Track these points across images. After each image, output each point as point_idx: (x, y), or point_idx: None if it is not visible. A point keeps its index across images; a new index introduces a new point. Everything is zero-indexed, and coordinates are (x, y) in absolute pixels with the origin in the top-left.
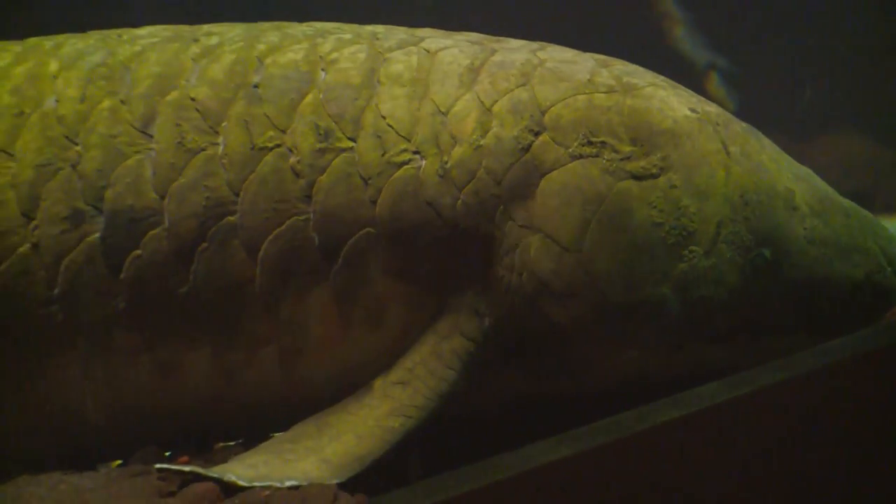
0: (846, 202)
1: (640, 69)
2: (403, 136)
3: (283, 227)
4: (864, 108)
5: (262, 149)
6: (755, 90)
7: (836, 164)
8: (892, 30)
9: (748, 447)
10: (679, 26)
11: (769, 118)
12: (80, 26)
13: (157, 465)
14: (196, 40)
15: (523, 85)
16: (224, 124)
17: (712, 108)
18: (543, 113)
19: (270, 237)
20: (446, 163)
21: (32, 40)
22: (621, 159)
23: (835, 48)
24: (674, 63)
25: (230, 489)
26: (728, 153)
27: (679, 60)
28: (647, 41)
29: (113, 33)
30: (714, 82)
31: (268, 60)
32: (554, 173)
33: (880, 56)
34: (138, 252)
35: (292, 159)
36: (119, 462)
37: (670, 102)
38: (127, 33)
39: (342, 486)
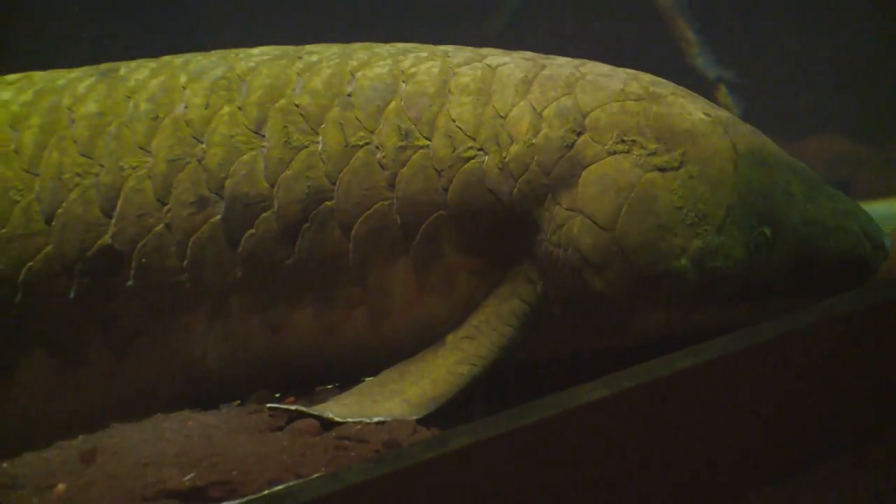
0: (832, 190)
1: (664, 81)
2: (470, 136)
3: (372, 210)
4: (844, 112)
5: (354, 146)
6: (757, 98)
7: (822, 159)
8: (878, 37)
9: (753, 391)
10: (694, 47)
11: (768, 121)
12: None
13: (269, 405)
14: (300, 57)
15: (568, 94)
16: (323, 126)
17: (723, 113)
18: (584, 117)
19: (361, 218)
20: (505, 158)
21: (165, 58)
22: (648, 155)
23: (824, 59)
24: (690, 76)
25: (328, 424)
26: (736, 150)
27: (694, 74)
28: (668, 59)
29: (231, 52)
30: (723, 92)
31: (359, 74)
32: (593, 166)
33: (863, 65)
34: (252, 231)
35: (379, 155)
36: (237, 402)
37: (688, 108)
38: (243, 52)
39: (420, 421)
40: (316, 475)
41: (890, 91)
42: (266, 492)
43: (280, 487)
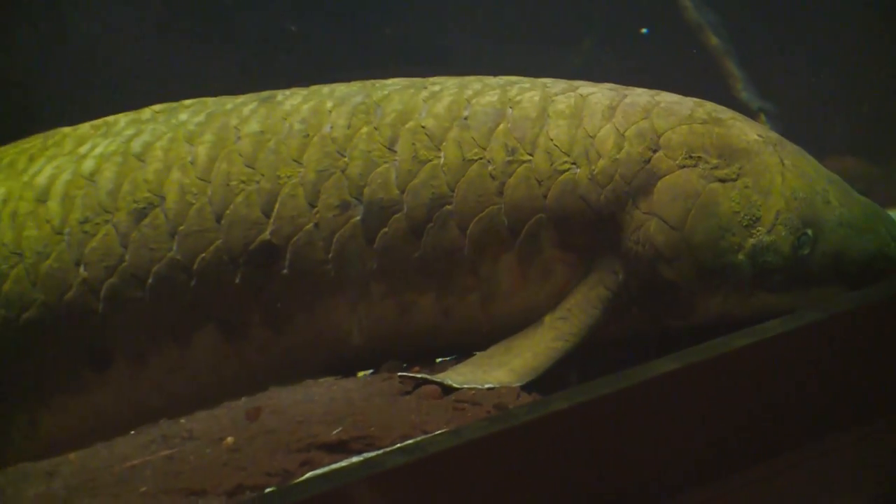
0: (862, 198)
1: (724, 108)
2: (565, 153)
3: (484, 213)
4: (858, 136)
5: (469, 160)
6: (790, 125)
7: (840, 176)
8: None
9: (798, 367)
10: (739, 82)
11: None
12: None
13: (399, 374)
14: (425, 87)
15: (645, 118)
16: (444, 144)
17: (773, 134)
18: (659, 137)
19: (475, 220)
20: (594, 170)
21: (314, 87)
22: (711, 168)
23: (841, 89)
24: (735, 107)
25: (447, 390)
26: (783, 164)
27: (738, 105)
28: (717, 92)
29: (369, 83)
30: (762, 120)
31: (473, 101)
32: (666, 177)
33: (874, 93)
34: (386, 229)
35: (490, 168)
36: (371, 371)
37: (745, 130)
38: (379, 83)
39: (523, 388)
40: (439, 431)
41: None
42: (399, 444)
43: (410, 441)
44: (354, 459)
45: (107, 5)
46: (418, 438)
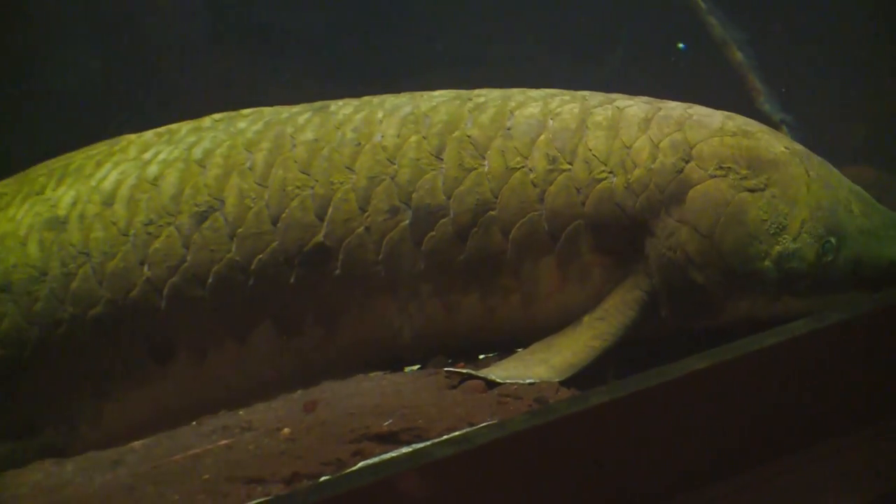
0: (882, 207)
1: (753, 121)
2: (602, 162)
3: (525, 218)
4: (872, 146)
5: (512, 169)
6: (808, 135)
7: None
8: None
9: (820, 366)
10: (762, 96)
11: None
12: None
13: (446, 369)
14: (470, 99)
15: (679, 130)
16: (488, 153)
17: (799, 147)
18: (691, 148)
19: (517, 225)
20: (629, 179)
21: (366, 98)
22: (740, 179)
23: (856, 102)
24: (758, 119)
25: (491, 384)
26: (809, 176)
27: (761, 117)
28: (741, 105)
29: (417, 94)
30: (784, 132)
31: (516, 112)
32: (698, 187)
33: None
34: (433, 233)
35: (531, 176)
36: (418, 366)
37: (772, 142)
38: (426, 94)
39: (563, 383)
40: (484, 424)
41: None
42: (447, 436)
43: (457, 433)
44: (404, 450)
45: (168, 22)
46: (464, 430)
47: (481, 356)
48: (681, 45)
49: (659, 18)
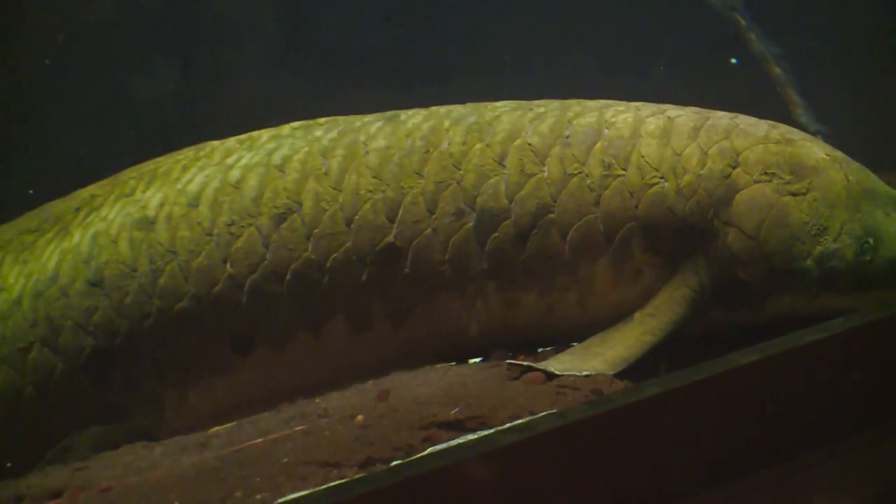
0: None
1: (796, 130)
2: (654, 168)
3: (582, 221)
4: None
5: (570, 175)
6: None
7: None
8: None
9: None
10: (799, 108)
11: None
12: None
13: (508, 361)
14: (531, 110)
15: (726, 138)
16: (548, 160)
17: (839, 154)
18: (738, 155)
19: (574, 227)
20: (680, 184)
21: (433, 108)
22: (784, 184)
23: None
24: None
25: (550, 376)
26: (848, 181)
27: (799, 127)
28: (780, 116)
29: (480, 105)
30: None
31: (574, 122)
32: (744, 191)
33: None
34: (496, 234)
35: (588, 181)
36: (480, 359)
37: (814, 150)
38: (490, 105)
39: (616, 375)
40: (544, 413)
41: None
42: (510, 424)
43: (520, 421)
44: (470, 437)
45: (243, 40)
46: (526, 419)
47: (540, 350)
48: (733, 60)
49: (701, 34)
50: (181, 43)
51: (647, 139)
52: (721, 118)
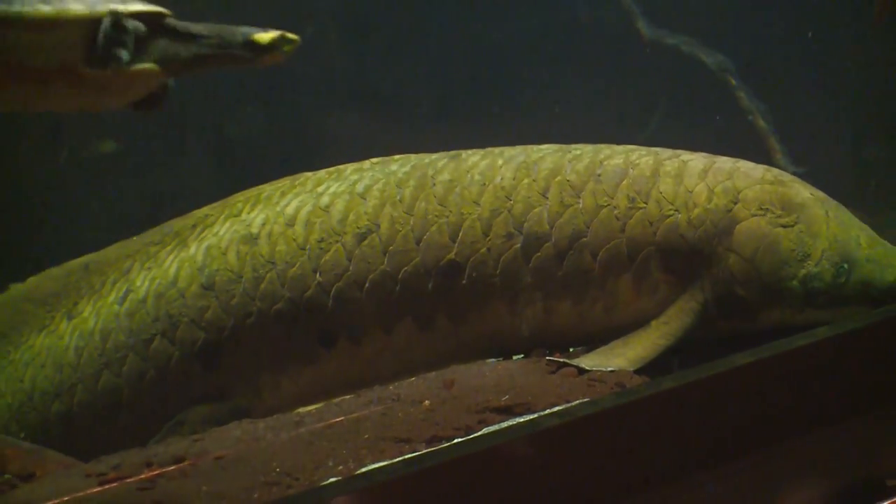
0: (885, 241)
1: (785, 173)
2: (670, 202)
3: (610, 245)
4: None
5: (601, 206)
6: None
7: None
8: None
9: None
10: (779, 154)
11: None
12: None
13: (547, 358)
14: (569, 152)
15: (729, 179)
16: (582, 193)
17: (820, 193)
18: (739, 193)
19: (603, 249)
20: (691, 216)
21: (489, 149)
22: (776, 217)
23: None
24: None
25: (582, 371)
26: (828, 216)
27: (780, 169)
28: (761, 161)
29: (529, 147)
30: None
31: (605, 162)
32: (743, 223)
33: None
34: (539, 254)
35: (615, 212)
36: (522, 355)
37: (801, 190)
38: (536, 148)
39: (636, 372)
40: (578, 401)
41: None
42: (550, 410)
43: (559, 408)
44: (518, 420)
45: (316, 87)
46: (564, 406)
47: (572, 349)
48: (717, 118)
49: (692, 90)
50: (264, 88)
51: (664, 178)
52: (725, 162)
